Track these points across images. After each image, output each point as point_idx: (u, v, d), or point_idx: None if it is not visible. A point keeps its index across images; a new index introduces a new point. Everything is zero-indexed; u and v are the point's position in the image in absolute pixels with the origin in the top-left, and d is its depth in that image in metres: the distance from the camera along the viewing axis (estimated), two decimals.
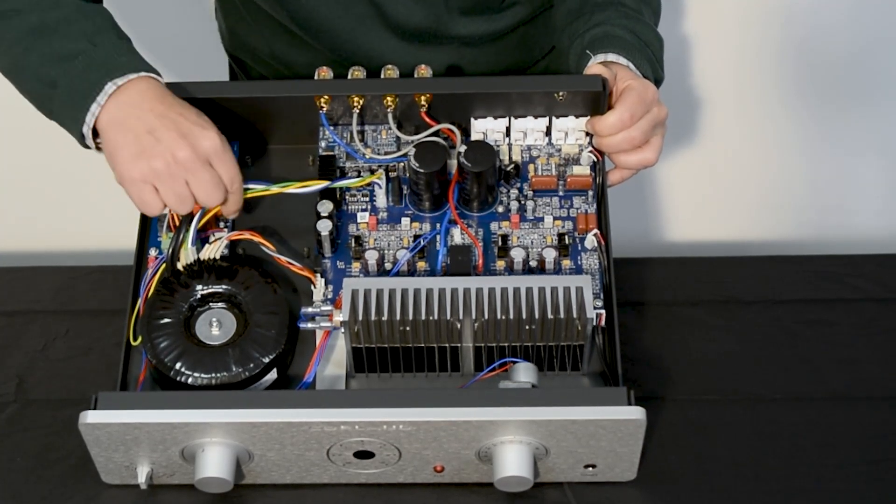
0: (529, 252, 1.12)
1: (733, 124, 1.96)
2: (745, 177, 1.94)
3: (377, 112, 1.18)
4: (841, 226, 1.91)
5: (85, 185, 1.92)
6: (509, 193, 1.16)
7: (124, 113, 1.07)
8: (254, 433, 1.00)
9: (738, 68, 1.94)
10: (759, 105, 1.95)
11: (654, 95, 1.14)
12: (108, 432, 1.00)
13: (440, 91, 1.15)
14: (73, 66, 1.08)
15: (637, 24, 1.22)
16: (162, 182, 1.05)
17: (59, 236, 1.70)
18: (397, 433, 1.00)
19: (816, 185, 1.95)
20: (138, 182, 1.06)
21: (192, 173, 1.06)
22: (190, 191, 1.06)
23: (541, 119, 1.17)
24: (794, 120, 1.95)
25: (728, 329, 1.22)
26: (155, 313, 1.08)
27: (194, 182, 1.06)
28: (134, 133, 1.06)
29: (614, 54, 1.18)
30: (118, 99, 1.07)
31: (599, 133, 1.14)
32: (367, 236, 1.14)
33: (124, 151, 1.06)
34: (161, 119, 1.06)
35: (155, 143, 1.05)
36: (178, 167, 1.05)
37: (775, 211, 1.93)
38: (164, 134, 1.05)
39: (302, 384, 1.08)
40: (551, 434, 1.00)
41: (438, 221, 1.14)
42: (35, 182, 1.93)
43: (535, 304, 1.04)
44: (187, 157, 1.05)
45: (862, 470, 1.10)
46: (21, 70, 1.11)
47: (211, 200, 1.07)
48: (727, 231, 1.90)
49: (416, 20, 1.28)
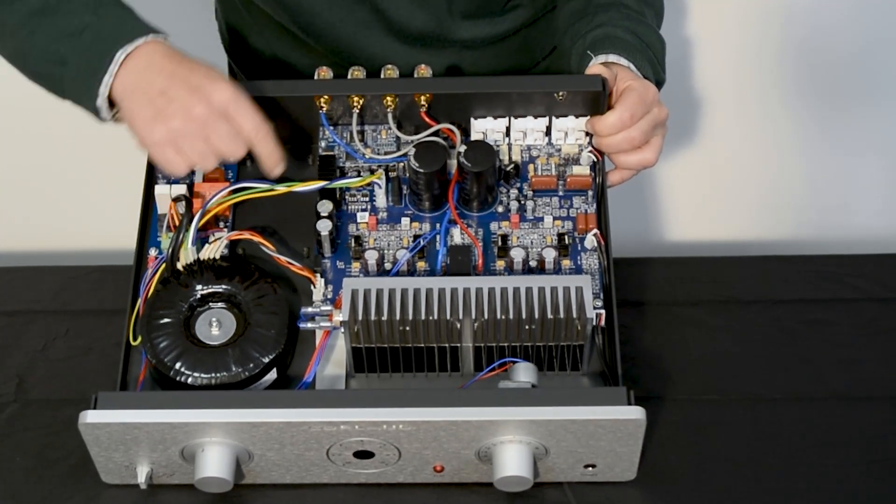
0: (529, 252, 1.12)
1: (733, 124, 1.96)
2: (745, 177, 1.94)
3: (377, 112, 1.17)
4: (841, 226, 1.91)
5: (85, 185, 1.92)
6: (509, 193, 1.16)
7: (136, 78, 1.06)
8: (253, 433, 1.00)
9: (739, 68, 1.94)
10: (760, 105, 1.95)
11: (654, 96, 1.14)
12: (108, 432, 0.99)
13: (440, 91, 1.14)
14: (80, 41, 1.07)
15: (639, 26, 1.22)
16: (182, 141, 1.04)
17: (59, 236, 1.70)
18: (397, 433, 1.00)
19: (816, 184, 1.95)
20: (159, 145, 1.04)
21: (209, 128, 1.04)
22: (211, 146, 1.04)
23: (541, 119, 1.17)
24: (794, 120, 1.95)
25: (728, 329, 1.22)
26: (155, 313, 1.08)
27: (213, 137, 1.04)
28: (147, 96, 1.05)
29: (615, 55, 1.18)
30: (129, 66, 1.06)
31: (599, 133, 1.14)
32: (367, 236, 1.14)
33: (140, 116, 1.05)
34: (171, 78, 1.04)
35: (168, 104, 1.04)
36: (195, 124, 1.03)
37: (775, 211, 1.93)
38: (176, 93, 1.04)
39: (302, 384, 1.08)
40: (551, 434, 1.00)
41: (438, 221, 1.14)
42: (35, 182, 1.93)
43: (534, 304, 1.04)
44: (202, 112, 1.03)
45: (862, 470, 1.10)
46: (27, 53, 1.10)
47: (233, 152, 1.05)
48: (727, 231, 1.90)
49: (417, 24, 1.28)
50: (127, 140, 1.39)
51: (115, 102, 1.08)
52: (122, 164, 1.67)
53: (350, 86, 1.16)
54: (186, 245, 1.10)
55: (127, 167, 1.54)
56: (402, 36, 1.29)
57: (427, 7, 1.27)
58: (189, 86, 1.04)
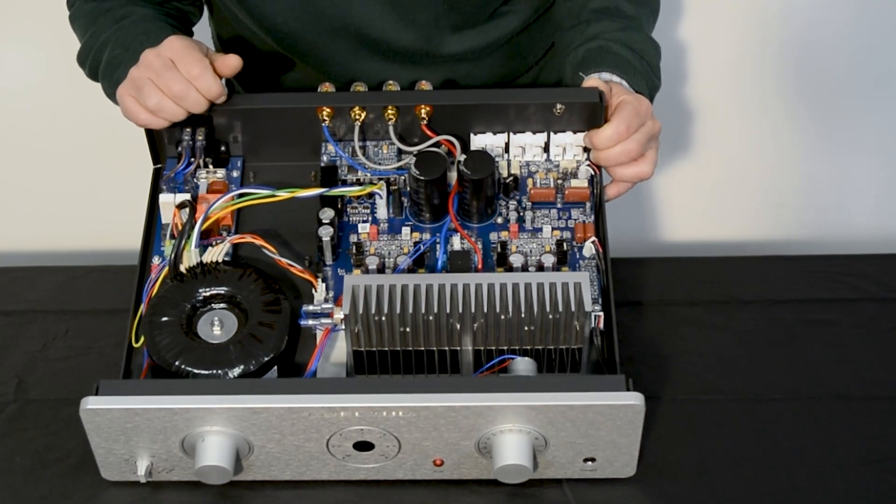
0: (528, 259, 1.13)
1: (733, 124, 1.96)
2: (745, 177, 1.94)
3: (378, 129, 1.18)
4: (841, 225, 1.91)
5: (85, 186, 1.92)
6: (508, 205, 1.16)
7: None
8: (254, 420, 1.00)
9: (738, 69, 1.95)
10: (759, 105, 1.95)
11: (647, 109, 1.16)
12: (109, 419, 1.00)
13: (439, 103, 1.16)
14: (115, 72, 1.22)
15: (633, 35, 1.23)
16: (138, 91, 1.13)
17: (59, 236, 1.70)
18: (397, 420, 1.00)
19: (816, 185, 1.95)
20: (122, 96, 1.15)
21: (157, 75, 1.13)
22: (165, 89, 1.12)
23: (539, 135, 1.18)
24: (794, 120, 1.95)
25: (728, 329, 1.22)
26: (157, 313, 1.08)
27: (161, 82, 1.12)
28: (134, 70, 1.16)
29: (608, 73, 1.20)
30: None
31: (597, 146, 1.15)
32: (368, 245, 1.14)
33: (123, 85, 1.16)
34: (150, 52, 1.15)
35: (136, 67, 1.15)
36: (147, 72, 1.13)
37: (775, 211, 1.93)
38: (143, 56, 1.15)
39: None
40: (550, 422, 1.00)
41: (439, 231, 1.15)
42: (35, 182, 1.93)
43: (534, 299, 1.05)
44: (150, 61, 1.13)
45: (862, 470, 1.10)
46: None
47: (179, 95, 1.12)
48: (727, 231, 1.90)
49: (405, 43, 1.29)
50: (127, 140, 1.39)
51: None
52: (122, 164, 1.67)
53: (352, 98, 1.17)
54: (189, 248, 1.11)
55: (127, 167, 1.55)
56: (392, 55, 1.30)
57: (413, 25, 1.27)
58: (153, 46, 1.15)
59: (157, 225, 1.17)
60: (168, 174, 1.18)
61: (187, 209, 1.13)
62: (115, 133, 1.51)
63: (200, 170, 1.19)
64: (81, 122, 1.88)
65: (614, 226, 1.14)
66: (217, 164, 1.20)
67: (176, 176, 1.18)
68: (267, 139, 1.20)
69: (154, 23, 1.26)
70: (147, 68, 1.13)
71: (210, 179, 1.19)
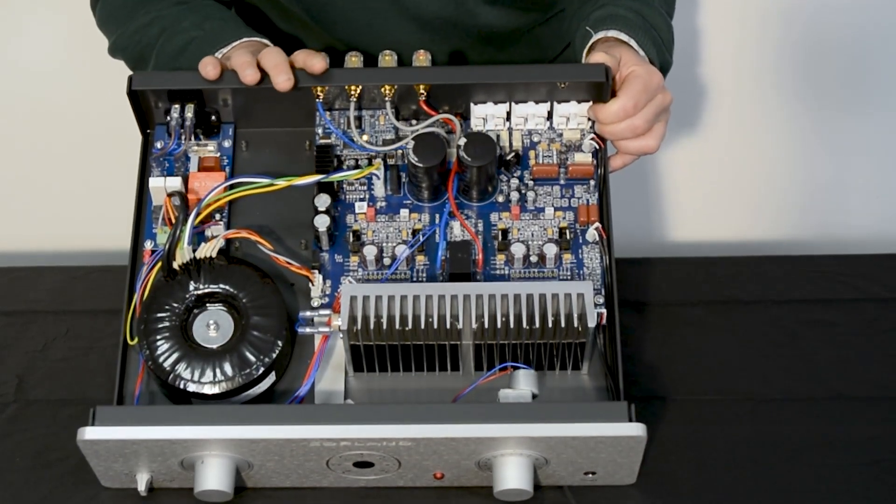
0: (530, 246, 1.11)
1: (734, 125, 1.95)
2: (746, 177, 1.94)
3: (375, 96, 1.16)
4: (841, 225, 1.90)
5: (85, 186, 1.91)
6: (510, 183, 1.14)
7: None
8: (252, 448, 1.00)
9: (738, 69, 1.94)
10: (760, 105, 1.95)
11: (658, 82, 1.13)
12: (107, 447, 0.99)
13: (439, 81, 1.13)
14: (188, 52, 1.21)
15: (644, 7, 1.21)
16: (255, 53, 1.15)
17: (59, 236, 1.70)
18: (397, 447, 1.00)
19: (817, 184, 1.94)
20: (229, 56, 1.17)
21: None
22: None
23: (542, 104, 1.15)
24: (795, 120, 1.94)
25: (728, 329, 1.22)
26: (151, 317, 1.07)
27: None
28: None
29: (615, 31, 1.17)
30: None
31: (602, 121, 1.13)
32: (366, 228, 1.13)
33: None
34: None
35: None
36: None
37: (775, 211, 1.92)
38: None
39: (301, 388, 1.08)
40: (551, 448, 1.00)
41: (438, 212, 1.13)
42: (35, 182, 1.93)
43: (535, 311, 1.04)
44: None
45: (862, 470, 1.10)
46: (155, 67, 1.25)
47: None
48: (727, 231, 1.90)
49: (434, 8, 1.27)
50: (127, 141, 1.39)
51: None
52: (122, 164, 1.67)
53: (346, 76, 1.14)
54: (182, 244, 1.09)
55: (127, 168, 1.54)
56: (420, 21, 1.28)
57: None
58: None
59: (148, 209, 1.15)
60: (157, 153, 1.15)
61: (178, 200, 1.11)
62: (115, 133, 1.51)
63: (190, 142, 1.16)
64: (81, 122, 1.88)
65: (616, 226, 1.13)
66: (207, 134, 1.17)
67: (166, 158, 1.15)
68: (258, 101, 1.16)
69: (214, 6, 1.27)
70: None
71: (201, 154, 1.16)
